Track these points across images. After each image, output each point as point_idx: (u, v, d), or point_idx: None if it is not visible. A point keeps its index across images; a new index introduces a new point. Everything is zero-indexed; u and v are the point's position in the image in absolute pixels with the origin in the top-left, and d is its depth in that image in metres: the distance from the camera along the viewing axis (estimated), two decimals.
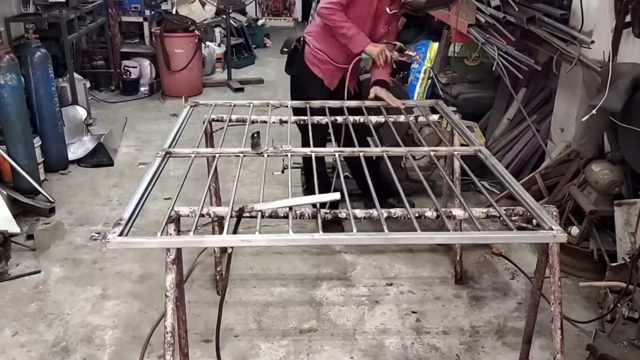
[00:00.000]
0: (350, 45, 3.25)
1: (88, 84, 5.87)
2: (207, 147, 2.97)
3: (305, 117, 3.00)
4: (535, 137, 4.07)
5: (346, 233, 1.83)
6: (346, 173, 3.98)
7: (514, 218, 2.13)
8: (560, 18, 3.48)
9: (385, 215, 2.00)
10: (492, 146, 4.35)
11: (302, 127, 3.12)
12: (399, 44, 3.35)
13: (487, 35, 3.75)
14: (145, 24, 6.99)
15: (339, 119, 3.01)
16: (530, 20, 3.49)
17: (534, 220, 1.97)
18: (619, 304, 2.65)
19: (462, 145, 2.84)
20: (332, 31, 3.27)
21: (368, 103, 3.22)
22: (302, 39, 3.50)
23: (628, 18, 3.13)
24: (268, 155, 2.46)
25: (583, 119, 3.09)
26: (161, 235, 1.88)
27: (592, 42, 3.29)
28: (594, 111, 2.96)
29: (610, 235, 3.17)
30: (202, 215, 2.00)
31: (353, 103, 3.22)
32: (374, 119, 3.05)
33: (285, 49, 3.74)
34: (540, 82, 4.32)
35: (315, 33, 3.45)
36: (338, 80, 3.45)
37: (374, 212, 2.03)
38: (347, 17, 3.22)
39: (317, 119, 2.99)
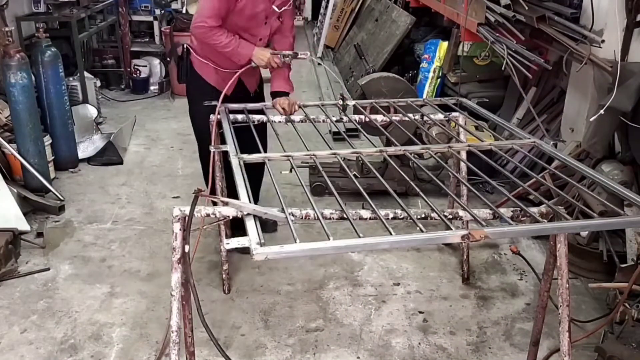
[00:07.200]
0: (234, 58, 3.04)
1: (98, 83, 5.89)
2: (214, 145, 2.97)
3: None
4: (545, 136, 4.04)
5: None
6: (354, 172, 3.97)
7: (522, 219, 2.11)
8: (570, 17, 3.46)
9: (391, 216, 2.00)
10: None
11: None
12: (290, 53, 3.09)
13: (497, 34, 3.72)
14: (156, 23, 7.01)
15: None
16: (541, 19, 3.46)
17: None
18: (628, 306, 2.62)
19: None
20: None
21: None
22: (184, 46, 3.22)
23: (639, 17, 3.10)
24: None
25: (592, 119, 3.07)
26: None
27: (603, 41, 3.26)
28: (602, 111, 2.94)
29: (620, 236, 3.15)
30: (207, 215, 2.00)
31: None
32: (380, 118, 3.04)
33: (168, 59, 3.46)
34: (550, 82, 4.29)
35: (195, 45, 3.20)
36: (234, 86, 3.07)
37: (379, 214, 2.02)
38: (230, 21, 2.99)
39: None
